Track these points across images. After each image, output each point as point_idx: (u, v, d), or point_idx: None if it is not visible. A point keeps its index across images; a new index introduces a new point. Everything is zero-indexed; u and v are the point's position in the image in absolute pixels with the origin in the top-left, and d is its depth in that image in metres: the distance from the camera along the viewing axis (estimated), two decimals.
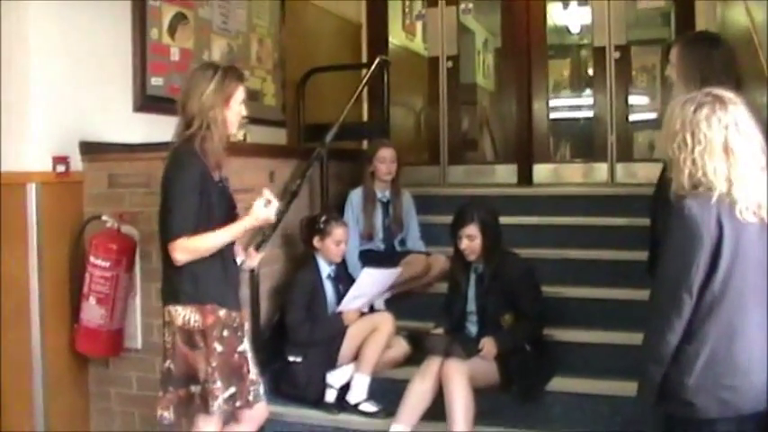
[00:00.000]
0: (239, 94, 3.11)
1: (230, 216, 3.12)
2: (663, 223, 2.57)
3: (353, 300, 4.25)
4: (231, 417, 3.23)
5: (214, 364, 2.99)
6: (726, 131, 2.30)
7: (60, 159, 3.95)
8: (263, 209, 3.07)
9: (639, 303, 2.79)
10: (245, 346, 3.13)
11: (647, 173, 3.24)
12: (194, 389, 3.03)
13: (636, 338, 2.57)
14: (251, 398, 3.11)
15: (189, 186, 2.96)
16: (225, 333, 3.04)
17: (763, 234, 2.31)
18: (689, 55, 3.05)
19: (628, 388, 2.60)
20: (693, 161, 2.31)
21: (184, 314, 3.00)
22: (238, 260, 3.25)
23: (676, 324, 2.33)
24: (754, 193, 2.30)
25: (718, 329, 2.31)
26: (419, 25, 7.56)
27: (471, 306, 4.13)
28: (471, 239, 4.03)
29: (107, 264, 3.81)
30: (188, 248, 2.94)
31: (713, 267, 2.29)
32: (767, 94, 3.03)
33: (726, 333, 2.31)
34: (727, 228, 2.27)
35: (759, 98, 3.17)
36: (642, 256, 3.25)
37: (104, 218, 3.91)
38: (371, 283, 4.31)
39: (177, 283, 3.03)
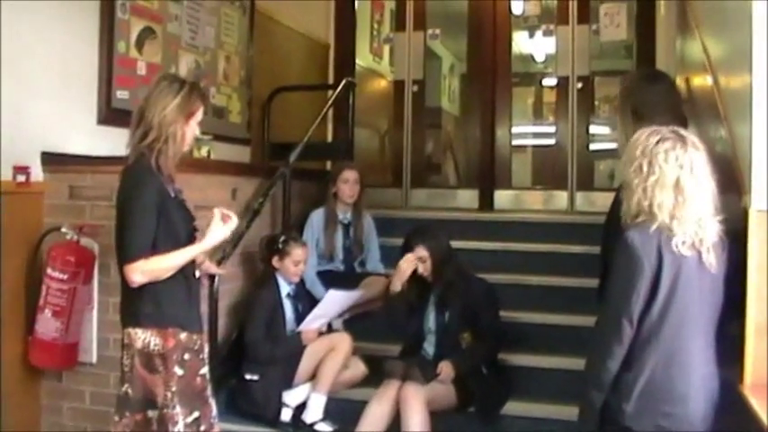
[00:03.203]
0: (200, 113, 3.05)
1: (191, 229, 3.03)
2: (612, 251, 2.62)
3: (315, 319, 4.26)
4: None
5: (174, 389, 2.89)
6: (680, 170, 2.39)
7: (21, 169, 3.91)
8: (221, 227, 2.98)
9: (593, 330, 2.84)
10: (207, 368, 3.04)
11: (606, 202, 3.29)
12: (151, 413, 2.91)
13: None
14: (214, 421, 3.03)
15: (147, 206, 2.85)
16: (186, 356, 2.93)
17: (702, 266, 2.38)
18: (625, 91, 3.19)
19: None
20: (645, 189, 2.40)
21: (144, 337, 2.89)
22: (196, 273, 3.14)
23: (617, 351, 2.40)
24: (695, 233, 2.37)
25: (656, 357, 2.38)
26: (386, 48, 7.63)
27: (430, 326, 4.15)
28: (422, 261, 4.08)
29: (64, 276, 3.77)
30: (145, 271, 2.83)
31: (653, 296, 2.36)
32: (722, 128, 3.11)
33: (664, 361, 2.38)
34: (666, 259, 2.35)
35: (713, 132, 3.25)
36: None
37: (63, 229, 3.87)
38: (335, 304, 4.33)
39: (138, 305, 2.91)
